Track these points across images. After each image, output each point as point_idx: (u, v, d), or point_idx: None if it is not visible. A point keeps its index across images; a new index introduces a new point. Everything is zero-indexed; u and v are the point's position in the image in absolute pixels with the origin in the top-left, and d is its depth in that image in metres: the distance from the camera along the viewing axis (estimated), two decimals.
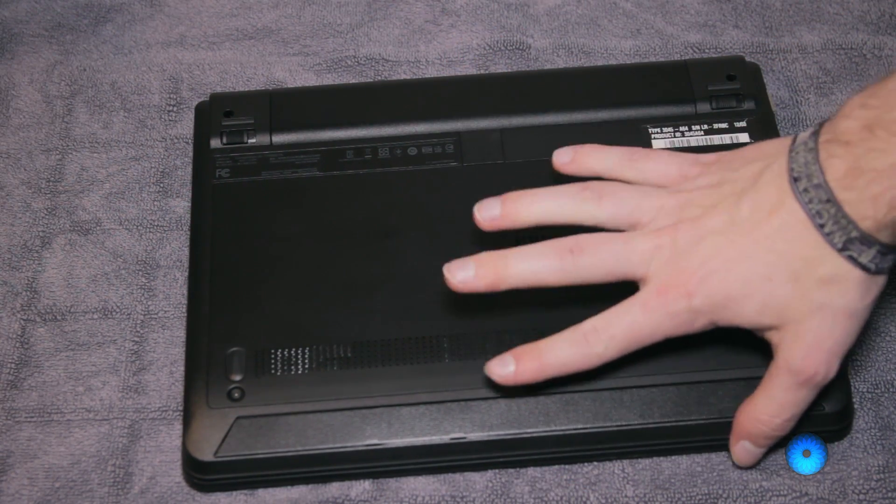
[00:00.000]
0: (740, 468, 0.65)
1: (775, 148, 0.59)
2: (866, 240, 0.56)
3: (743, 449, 0.63)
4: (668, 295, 0.59)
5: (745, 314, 0.59)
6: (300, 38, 0.82)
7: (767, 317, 0.59)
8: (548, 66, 0.80)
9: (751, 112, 0.73)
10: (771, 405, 0.61)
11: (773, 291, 0.58)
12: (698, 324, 0.60)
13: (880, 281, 0.58)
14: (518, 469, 0.65)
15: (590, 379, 0.64)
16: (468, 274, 0.61)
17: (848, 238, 0.56)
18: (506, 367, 0.61)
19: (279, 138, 0.73)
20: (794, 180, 0.57)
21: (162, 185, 0.75)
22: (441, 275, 0.67)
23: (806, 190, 0.56)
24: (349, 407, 0.64)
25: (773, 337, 0.60)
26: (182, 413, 0.65)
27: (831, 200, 0.56)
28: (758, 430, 0.62)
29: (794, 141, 0.58)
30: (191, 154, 0.76)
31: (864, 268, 0.57)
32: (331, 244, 0.69)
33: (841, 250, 0.57)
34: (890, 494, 0.64)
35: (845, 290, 0.58)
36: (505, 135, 0.73)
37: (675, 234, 0.60)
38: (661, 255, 0.60)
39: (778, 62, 0.79)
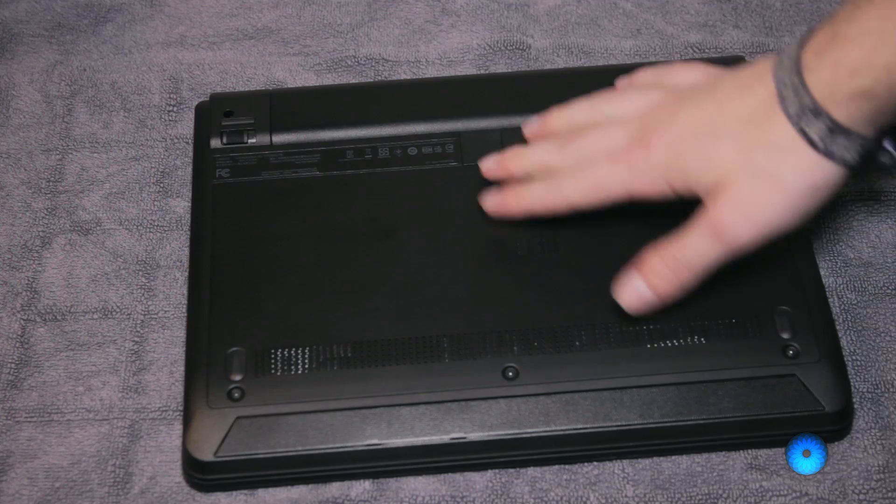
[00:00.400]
0: (624, 310, 0.65)
1: None
2: (817, 110, 0.57)
3: (631, 283, 0.64)
4: (633, 150, 0.63)
5: (691, 170, 0.61)
6: (300, 38, 0.82)
7: (710, 173, 0.61)
8: (548, 66, 0.80)
9: None
10: (675, 241, 0.62)
11: (717, 146, 0.60)
12: (656, 185, 0.63)
13: (828, 171, 0.59)
14: (518, 469, 0.65)
15: (590, 378, 0.64)
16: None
17: (800, 105, 0.57)
18: (492, 199, 0.69)
19: (279, 138, 0.73)
20: (778, 56, 0.59)
21: (162, 185, 0.75)
22: (441, 275, 0.67)
23: (782, 63, 0.59)
24: (349, 407, 0.64)
25: (714, 194, 0.61)
26: (182, 413, 0.65)
27: (797, 70, 0.57)
28: (653, 262, 0.63)
29: None
30: (191, 154, 0.76)
31: (811, 143, 0.58)
32: (331, 244, 0.69)
33: (792, 118, 0.58)
34: (890, 495, 0.64)
35: (785, 160, 0.59)
36: (505, 135, 0.73)
37: (663, 101, 0.64)
38: (645, 117, 0.64)
39: None
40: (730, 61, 0.75)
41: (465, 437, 0.63)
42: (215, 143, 0.73)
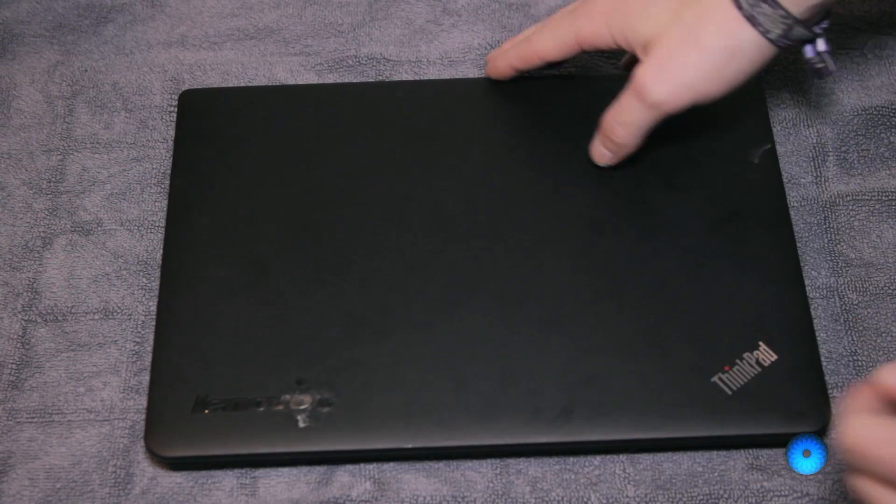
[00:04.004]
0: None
1: None
2: None
3: (595, 140, 0.70)
4: (585, 3, 0.69)
5: (630, 21, 0.65)
6: (301, 37, 0.82)
7: (645, 27, 0.65)
8: None
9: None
10: (614, 106, 0.68)
11: (658, 8, 0.64)
12: (599, 33, 0.68)
13: (749, 37, 0.62)
14: (519, 470, 0.65)
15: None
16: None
17: None
18: (488, 61, 0.75)
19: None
20: None
21: (163, 185, 0.75)
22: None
23: None
24: None
25: (642, 54, 0.65)
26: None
27: None
28: (603, 126, 0.69)
29: None
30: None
31: (738, 5, 0.61)
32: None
33: None
34: None
35: (709, 19, 0.62)
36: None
37: None
38: None
39: (778, 62, 0.79)
40: None
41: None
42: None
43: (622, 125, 0.67)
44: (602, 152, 0.70)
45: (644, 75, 0.64)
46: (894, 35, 0.79)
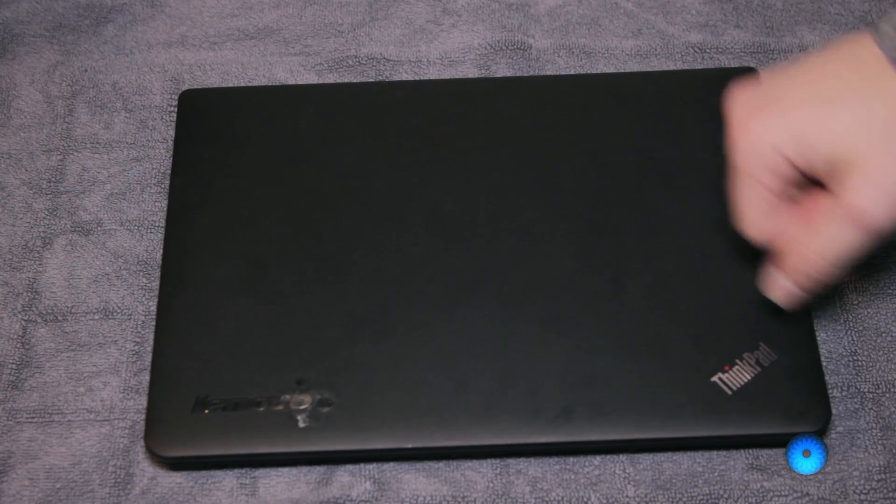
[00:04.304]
0: (779, 306, 0.64)
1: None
2: None
3: (776, 281, 0.62)
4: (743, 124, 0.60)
5: (812, 142, 0.58)
6: (301, 37, 0.82)
7: (832, 144, 0.57)
8: (548, 67, 0.80)
9: None
10: (814, 240, 0.59)
11: (836, 115, 0.57)
12: (768, 158, 0.59)
13: None
14: (519, 470, 0.65)
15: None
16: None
17: None
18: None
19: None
20: (875, 28, 0.57)
21: (163, 185, 0.75)
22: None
23: (886, 34, 0.57)
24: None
25: (842, 175, 0.57)
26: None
27: None
28: (793, 261, 0.61)
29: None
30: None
31: None
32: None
33: None
34: (891, 495, 0.64)
35: None
36: None
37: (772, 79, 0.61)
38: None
39: (779, 62, 0.79)
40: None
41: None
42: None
43: (832, 262, 0.59)
44: (792, 292, 0.62)
45: (864, 200, 0.56)
46: None
